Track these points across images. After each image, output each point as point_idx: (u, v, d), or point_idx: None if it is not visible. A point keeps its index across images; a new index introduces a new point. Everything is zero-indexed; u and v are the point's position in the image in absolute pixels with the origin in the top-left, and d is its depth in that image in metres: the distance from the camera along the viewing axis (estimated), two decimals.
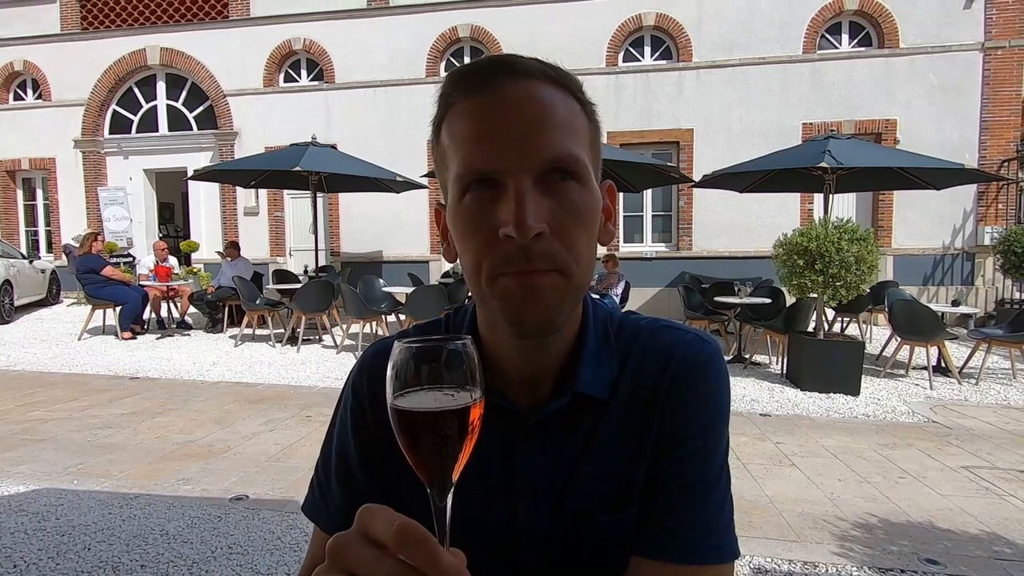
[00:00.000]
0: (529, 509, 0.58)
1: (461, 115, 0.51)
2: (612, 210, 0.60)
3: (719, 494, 0.57)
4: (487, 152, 0.49)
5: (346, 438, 0.64)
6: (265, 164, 7.48)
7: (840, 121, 8.83)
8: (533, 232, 0.47)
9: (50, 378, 5.65)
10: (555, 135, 0.50)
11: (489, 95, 0.50)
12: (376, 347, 0.66)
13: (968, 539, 2.61)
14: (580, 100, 0.54)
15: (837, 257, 4.90)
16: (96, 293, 7.53)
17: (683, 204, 9.56)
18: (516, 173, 0.49)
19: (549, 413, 0.58)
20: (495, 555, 0.58)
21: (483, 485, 0.58)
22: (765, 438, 3.95)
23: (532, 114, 0.49)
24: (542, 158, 0.49)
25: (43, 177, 11.72)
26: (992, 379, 5.58)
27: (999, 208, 8.88)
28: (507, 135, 0.49)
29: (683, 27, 9.41)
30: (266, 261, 10.38)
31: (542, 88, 0.51)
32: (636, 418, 0.58)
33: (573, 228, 0.51)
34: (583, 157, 0.51)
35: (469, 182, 0.50)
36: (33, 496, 2.99)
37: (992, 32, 8.69)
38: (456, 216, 0.52)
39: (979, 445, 3.86)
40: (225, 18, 10.78)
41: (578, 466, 0.58)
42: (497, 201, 0.49)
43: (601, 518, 0.57)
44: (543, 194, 0.49)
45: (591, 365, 0.59)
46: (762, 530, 2.68)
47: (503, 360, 0.58)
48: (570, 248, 0.50)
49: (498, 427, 0.58)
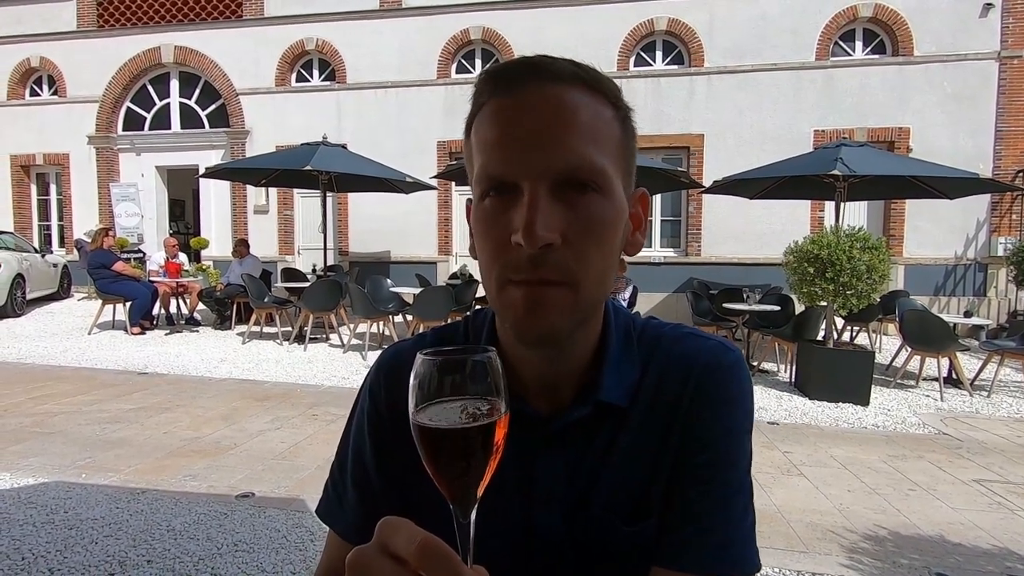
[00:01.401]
0: (545, 517, 0.57)
1: (487, 116, 0.51)
2: (643, 220, 0.58)
3: (740, 504, 0.55)
4: (504, 157, 0.49)
5: (362, 441, 0.63)
6: (276, 163, 7.52)
7: (852, 128, 8.77)
8: (542, 242, 0.46)
9: (60, 372, 5.70)
10: (575, 142, 0.48)
11: (514, 97, 0.49)
12: (393, 350, 0.66)
13: (979, 554, 2.57)
14: (614, 104, 0.53)
15: (848, 265, 4.86)
16: (107, 288, 7.60)
17: (692, 209, 9.53)
18: (532, 179, 0.48)
19: (571, 421, 0.57)
20: (511, 562, 0.57)
21: (499, 491, 0.57)
22: (773, 447, 3.92)
23: (553, 119, 0.48)
24: (558, 167, 0.48)
25: (57, 172, 11.85)
26: (1004, 391, 5.51)
27: (1013, 219, 8.78)
28: (525, 140, 0.48)
29: (695, 32, 9.39)
30: (275, 259, 10.44)
31: (569, 92, 0.50)
32: (658, 425, 0.57)
33: (587, 240, 0.49)
34: (604, 166, 0.50)
35: (487, 187, 0.50)
36: (42, 489, 3.01)
37: (1008, 41, 8.61)
38: (476, 218, 0.52)
39: (991, 458, 3.81)
40: (239, 17, 10.87)
41: (598, 475, 0.57)
42: (512, 207, 0.48)
43: (621, 528, 0.56)
44: (559, 203, 0.48)
45: (613, 372, 0.58)
46: (770, 540, 2.65)
47: (522, 365, 0.57)
48: (582, 261, 0.49)
49: (517, 433, 0.57)
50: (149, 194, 11.42)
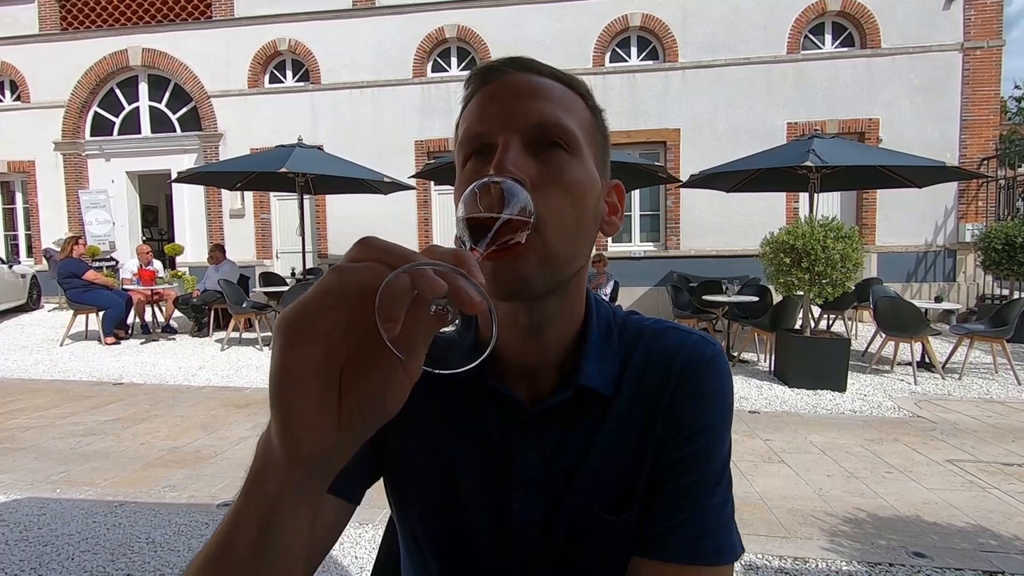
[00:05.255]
0: (522, 500, 0.58)
1: (472, 103, 0.56)
2: (619, 208, 0.61)
3: (720, 494, 0.56)
4: (481, 118, 0.54)
5: None
6: (251, 166, 7.39)
7: (824, 120, 8.94)
8: (509, 175, 0.48)
9: (32, 385, 5.53)
10: (545, 104, 0.53)
11: (495, 84, 0.55)
12: None
13: (954, 532, 2.65)
14: (585, 98, 0.58)
15: (823, 255, 4.95)
16: (78, 298, 7.40)
17: (671, 204, 9.62)
18: (505, 133, 0.52)
19: (550, 406, 0.57)
20: (494, 546, 0.58)
21: (480, 473, 0.58)
22: (754, 435, 3.98)
23: (527, 92, 0.53)
24: (529, 121, 0.52)
25: (22, 180, 11.49)
26: (974, 374, 5.68)
27: (979, 205, 9.04)
28: (500, 103, 0.53)
29: (668, 28, 9.47)
30: (252, 264, 10.28)
31: (546, 80, 0.55)
32: (639, 417, 0.58)
33: (555, 189, 0.51)
34: (573, 129, 0.54)
35: (468, 150, 0.54)
36: (14, 506, 2.92)
37: (971, 32, 8.85)
38: (457, 183, 0.55)
39: (963, 439, 3.92)
40: (208, 18, 10.65)
41: (579, 465, 0.57)
42: (489, 163, 0.51)
43: (604, 517, 0.57)
44: (530, 156, 0.52)
45: (594, 361, 0.58)
46: (752, 527, 2.69)
47: (503, 350, 0.58)
48: (549, 207, 0.50)
49: (497, 416, 0.58)
50: (120, 200, 11.14)
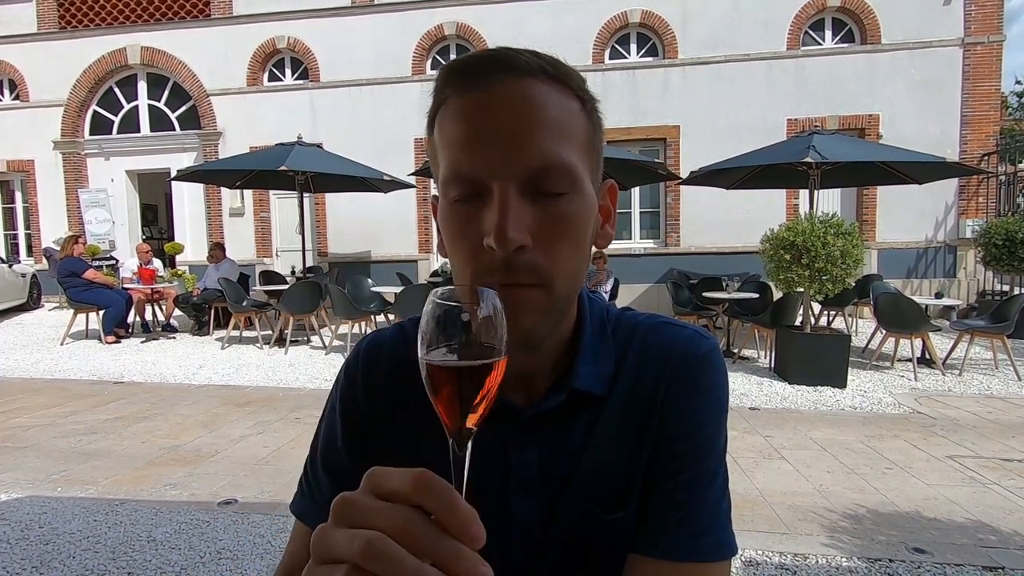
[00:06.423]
0: (522, 505, 0.57)
1: (451, 114, 0.50)
2: (611, 211, 0.58)
3: (716, 490, 0.56)
4: (472, 157, 0.48)
5: (334, 420, 0.63)
6: (250, 164, 7.38)
7: (824, 117, 8.92)
8: (514, 245, 0.46)
9: (32, 384, 5.54)
10: (544, 139, 0.47)
11: (479, 93, 0.48)
12: (374, 335, 0.66)
13: (954, 527, 2.65)
14: (580, 97, 0.52)
15: (823, 251, 4.94)
16: (78, 297, 7.40)
17: (671, 201, 9.61)
18: (501, 179, 0.47)
19: (545, 409, 0.57)
20: (493, 551, 0.58)
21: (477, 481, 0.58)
22: (755, 432, 3.98)
23: (521, 116, 0.47)
24: (528, 165, 0.47)
25: (21, 179, 11.48)
26: (975, 369, 5.67)
27: (979, 201, 9.02)
28: (493, 139, 0.47)
29: (668, 24, 9.44)
30: (252, 262, 10.27)
31: (535, 86, 0.48)
32: (635, 415, 0.57)
33: (559, 240, 0.49)
34: (574, 163, 0.49)
35: (456, 188, 0.49)
36: (16, 505, 2.93)
37: (971, 28, 8.82)
38: (445, 219, 0.52)
39: (963, 435, 3.92)
40: (207, 16, 10.63)
41: (576, 464, 0.57)
42: (483, 208, 0.48)
43: (601, 516, 0.56)
44: (529, 202, 0.48)
45: (588, 362, 0.58)
46: (753, 523, 2.70)
47: None
48: (554, 260, 0.49)
49: (493, 423, 0.58)
50: (120, 199, 11.13)
